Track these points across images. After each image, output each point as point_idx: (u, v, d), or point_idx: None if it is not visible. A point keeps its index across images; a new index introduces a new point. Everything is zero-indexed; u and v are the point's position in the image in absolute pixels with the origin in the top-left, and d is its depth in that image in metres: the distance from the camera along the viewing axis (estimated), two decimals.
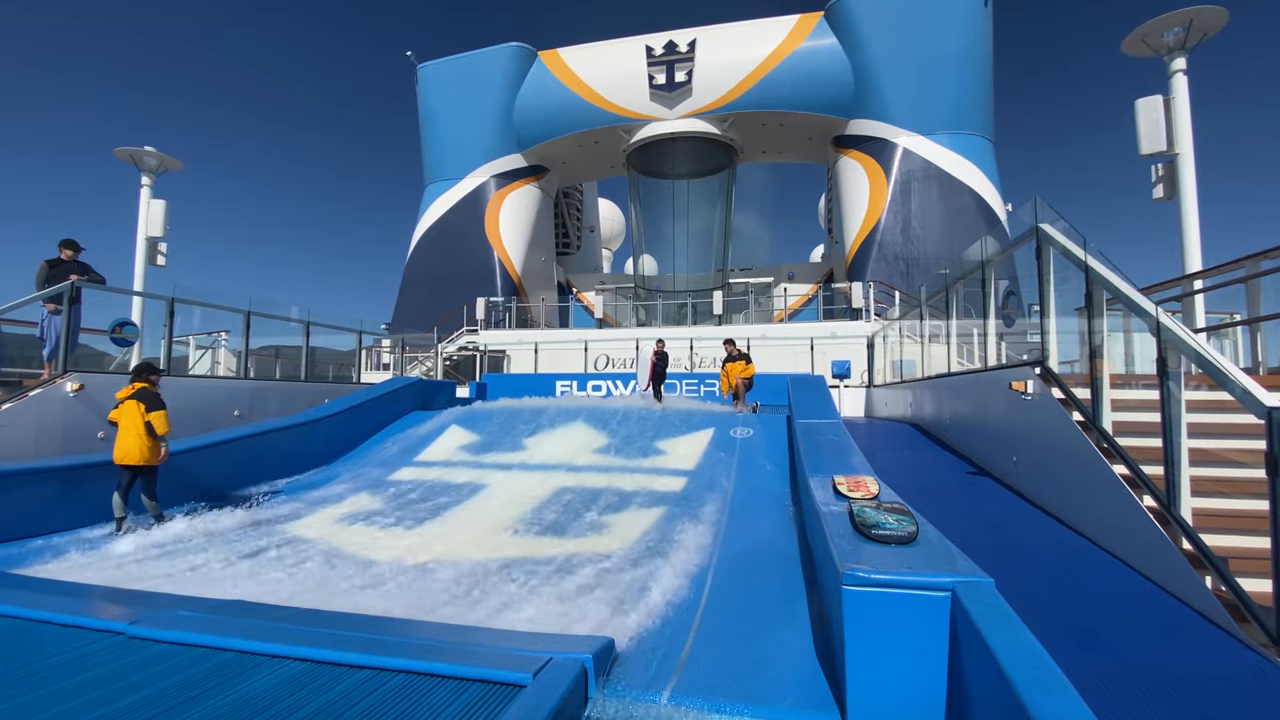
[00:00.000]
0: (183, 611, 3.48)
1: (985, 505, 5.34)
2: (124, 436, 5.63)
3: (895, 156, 21.82)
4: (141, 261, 10.71)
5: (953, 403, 7.83)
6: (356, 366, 14.34)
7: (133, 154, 10.98)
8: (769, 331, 18.82)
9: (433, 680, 2.70)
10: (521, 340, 20.54)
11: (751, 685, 2.82)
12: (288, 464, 8.11)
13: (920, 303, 10.51)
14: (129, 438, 5.62)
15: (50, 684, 2.75)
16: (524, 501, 6.67)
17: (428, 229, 26.70)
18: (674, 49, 23.56)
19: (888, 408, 11.75)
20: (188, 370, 11.22)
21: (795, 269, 27.63)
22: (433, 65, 26.98)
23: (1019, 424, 5.63)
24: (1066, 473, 4.73)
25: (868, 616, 2.50)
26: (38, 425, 6.67)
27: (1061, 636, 2.87)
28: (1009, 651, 1.97)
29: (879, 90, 21.95)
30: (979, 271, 7.16)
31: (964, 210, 21.05)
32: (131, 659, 3.00)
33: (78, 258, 7.83)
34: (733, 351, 11.16)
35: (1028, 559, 4.13)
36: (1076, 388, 4.86)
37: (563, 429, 9.49)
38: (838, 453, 5.54)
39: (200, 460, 6.99)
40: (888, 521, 3.10)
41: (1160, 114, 10.10)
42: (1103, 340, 4.62)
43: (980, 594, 2.36)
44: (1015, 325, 7.13)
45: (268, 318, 10.64)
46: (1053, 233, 5.20)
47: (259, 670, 2.85)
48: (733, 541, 5.12)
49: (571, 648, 2.86)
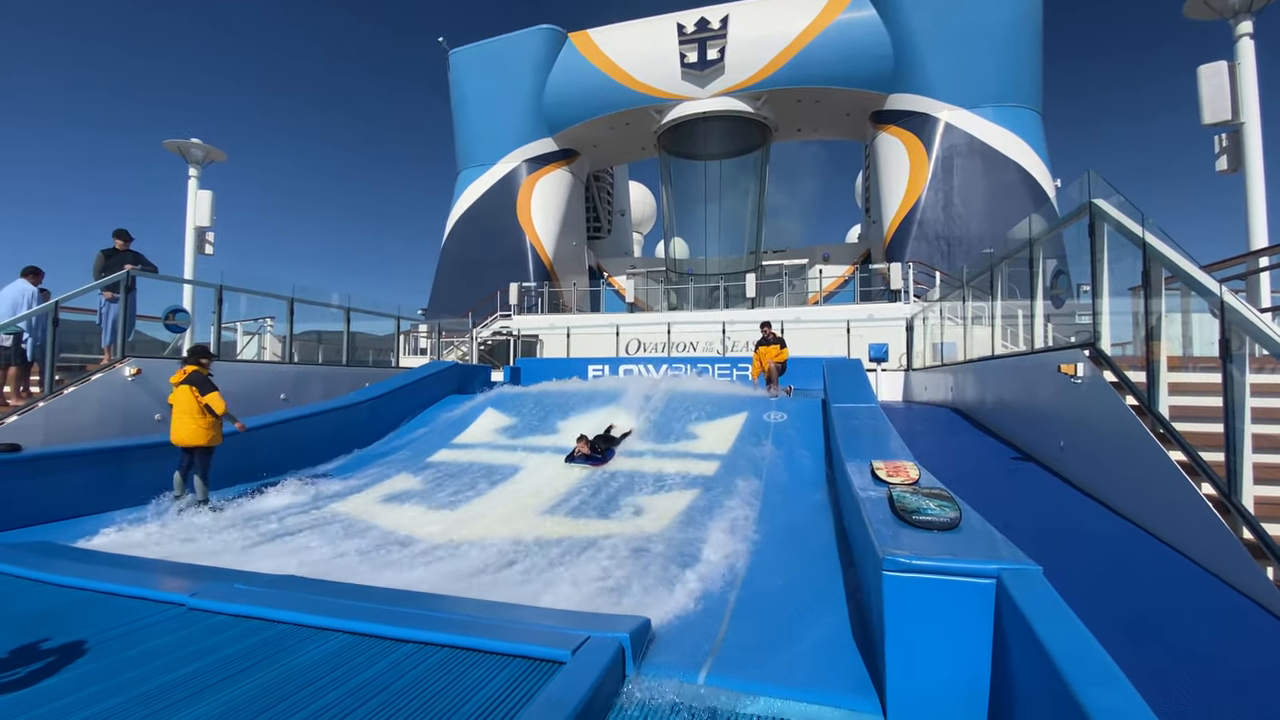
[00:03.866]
0: (239, 585, 3.65)
1: (1031, 492, 5.19)
2: (179, 419, 5.89)
3: (937, 131, 21.04)
4: (191, 250, 11.11)
5: (996, 386, 7.60)
6: (395, 351, 14.68)
7: (180, 146, 11.35)
8: (803, 314, 18.50)
9: (475, 655, 2.78)
10: (554, 325, 20.67)
11: (788, 669, 2.82)
12: (331, 445, 8.38)
13: (963, 283, 10.18)
14: (184, 420, 5.88)
15: (118, 652, 2.92)
16: (558, 483, 6.76)
17: (461, 215, 26.97)
18: (706, 26, 23.08)
19: (927, 392, 11.48)
20: (236, 355, 11.65)
21: (831, 250, 27.02)
22: (464, 51, 27.04)
23: (1067, 408, 5.44)
24: (1118, 459, 4.56)
25: (908, 603, 2.46)
26: (99, 408, 7.02)
27: (1112, 627, 2.78)
28: (1059, 641, 1.91)
29: (920, 63, 21.13)
30: (1025, 250, 6.89)
31: (1009, 187, 20.22)
32: (192, 629, 3.16)
33: (129, 247, 8.16)
34: (768, 334, 11.03)
35: (1076, 547, 4.00)
36: (1130, 371, 4.66)
37: (595, 412, 9.55)
38: (875, 437, 5.44)
39: (249, 441, 7.27)
40: (929, 507, 3.04)
41: (1224, 80, 9.48)
42: (1160, 321, 4.41)
43: (1028, 582, 2.30)
44: (1064, 306, 6.85)
45: (310, 304, 10.95)
46: (1107, 208, 4.96)
47: (311, 642, 2.97)
48: (767, 525, 5.11)
49: (609, 627, 2.90)
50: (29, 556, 4.35)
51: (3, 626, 3.20)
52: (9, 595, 3.69)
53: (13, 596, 3.67)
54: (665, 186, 27.32)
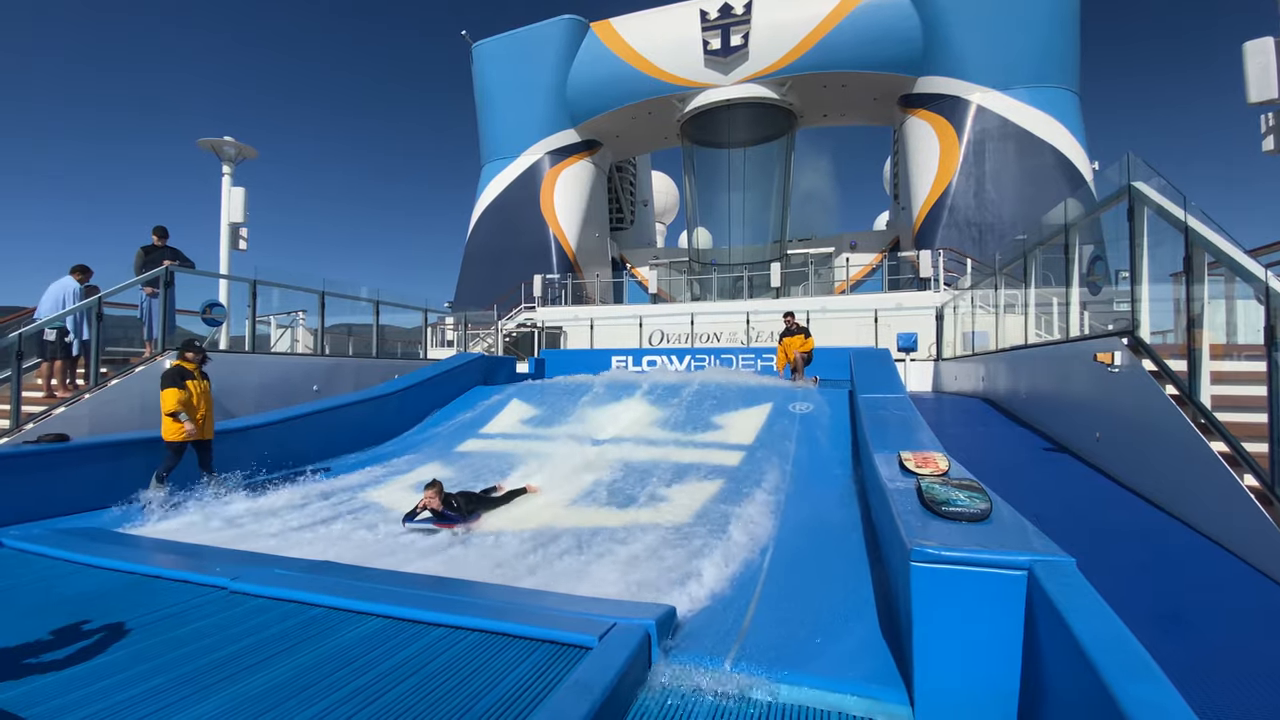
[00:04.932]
0: (277, 570, 3.77)
1: (1065, 483, 5.08)
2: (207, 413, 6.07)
3: (968, 115, 20.47)
4: (225, 246, 11.39)
5: (1029, 376, 7.43)
6: (423, 343, 14.90)
7: (213, 144, 11.62)
8: (830, 304, 18.26)
9: (504, 639, 2.83)
10: (577, 316, 20.76)
11: (814, 658, 2.82)
12: (362, 435, 8.58)
13: (995, 271, 9.95)
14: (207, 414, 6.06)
15: (164, 632, 3.05)
16: (584, 473, 6.81)
17: (486, 208, 27.17)
18: (729, 12, 22.76)
19: (957, 382, 11.27)
20: (270, 348, 11.96)
21: (858, 238, 26.57)
22: (487, 43, 27.13)
23: (1104, 398, 5.29)
24: (1157, 450, 4.43)
25: (937, 594, 2.44)
26: (142, 400, 7.28)
27: (1149, 621, 2.72)
28: (1092, 634, 1.88)
29: (950, 44, 20.56)
30: (1061, 236, 6.70)
31: (1044, 170, 19.60)
32: (233, 611, 3.28)
33: (167, 243, 8.42)
34: (791, 324, 10.93)
35: (1112, 539, 3.91)
36: (1170, 359, 4.52)
37: (620, 403, 9.60)
38: (904, 428, 5.37)
39: (285, 432, 7.49)
40: (959, 498, 3.00)
41: (1271, 57, 8.97)
42: (1203, 308, 4.26)
43: (1061, 574, 2.26)
44: (1101, 293, 6.66)
45: (340, 297, 11.18)
46: (1147, 191, 4.80)
47: (346, 625, 3.06)
48: (793, 516, 5.09)
49: (635, 614, 2.93)
50: (78, 541, 4.56)
51: (55, 608, 3.36)
52: (60, 578, 3.87)
53: (64, 580, 3.84)
54: (688, 176, 27.11)
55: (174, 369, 5.91)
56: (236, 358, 8.92)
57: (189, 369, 5.98)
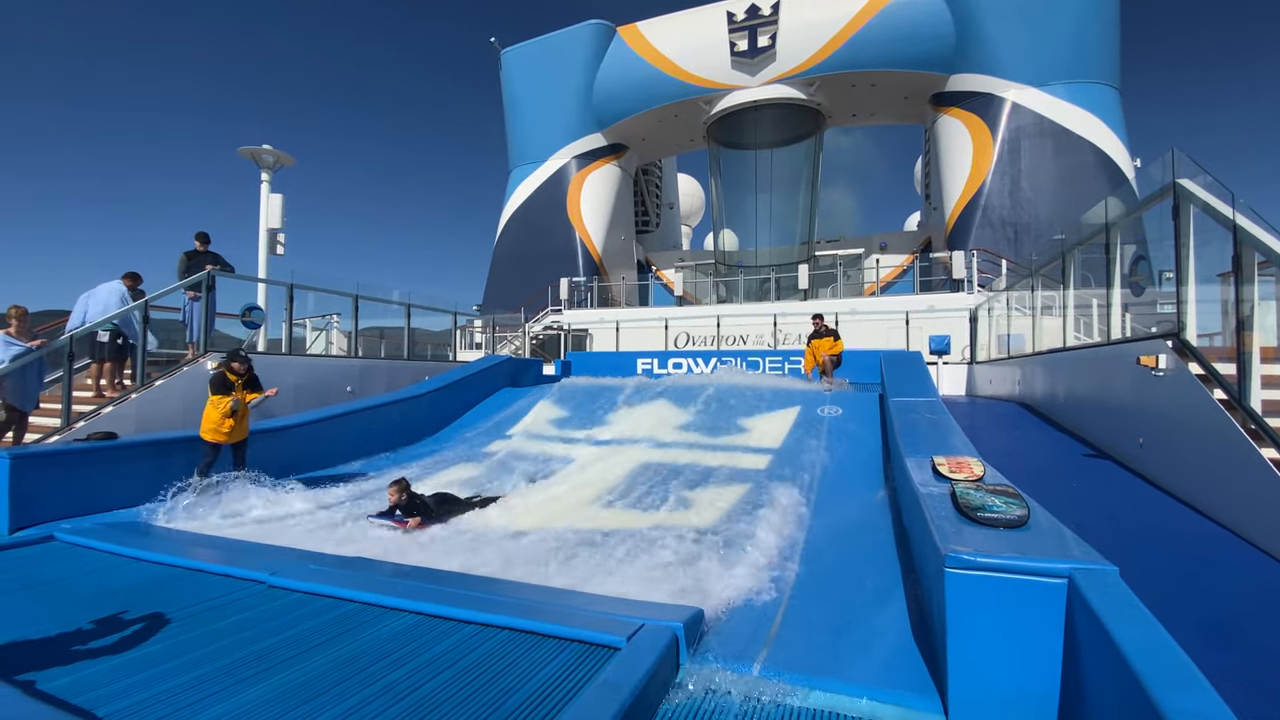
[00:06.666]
0: (314, 565, 3.87)
1: (1106, 490, 4.92)
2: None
3: (1003, 112, 20.00)
4: (264, 251, 11.75)
5: (1068, 380, 7.22)
6: (453, 345, 15.15)
7: (253, 153, 12.01)
8: (859, 306, 18.00)
9: (534, 638, 2.87)
10: (603, 319, 20.85)
11: (844, 663, 2.78)
12: (395, 435, 8.76)
13: (1031, 272, 9.70)
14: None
15: (206, 624, 3.16)
16: (610, 475, 6.84)
17: (514, 212, 27.49)
18: (756, 12, 22.66)
19: (992, 385, 11.01)
20: (305, 350, 12.28)
21: (888, 238, 26.14)
22: (515, 49, 27.47)
23: (1147, 402, 5.12)
24: (1203, 456, 4.27)
25: (972, 601, 2.39)
26: (185, 400, 7.54)
27: (1195, 631, 2.62)
28: (1136, 644, 1.82)
29: (984, 40, 20.12)
30: (1102, 236, 6.51)
31: (1083, 168, 19.03)
32: (272, 605, 3.38)
33: (209, 249, 8.71)
34: (820, 327, 10.81)
35: (1156, 547, 3.78)
36: (1218, 363, 4.35)
37: (646, 405, 9.61)
38: (936, 432, 5.27)
39: (320, 432, 7.68)
40: (994, 504, 2.93)
41: None
42: (1253, 309, 4.09)
43: (1103, 582, 2.20)
44: (1144, 294, 6.44)
45: (373, 301, 11.43)
46: (1193, 189, 4.64)
47: (381, 620, 3.13)
48: (822, 519, 5.03)
49: (663, 615, 2.94)
50: (125, 535, 4.75)
51: (104, 600, 3.50)
52: (109, 570, 4.04)
53: (112, 572, 4.01)
54: (714, 178, 27.05)
55: (220, 377, 6.03)
56: (274, 359, 9.19)
57: (232, 380, 6.06)
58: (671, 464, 7.13)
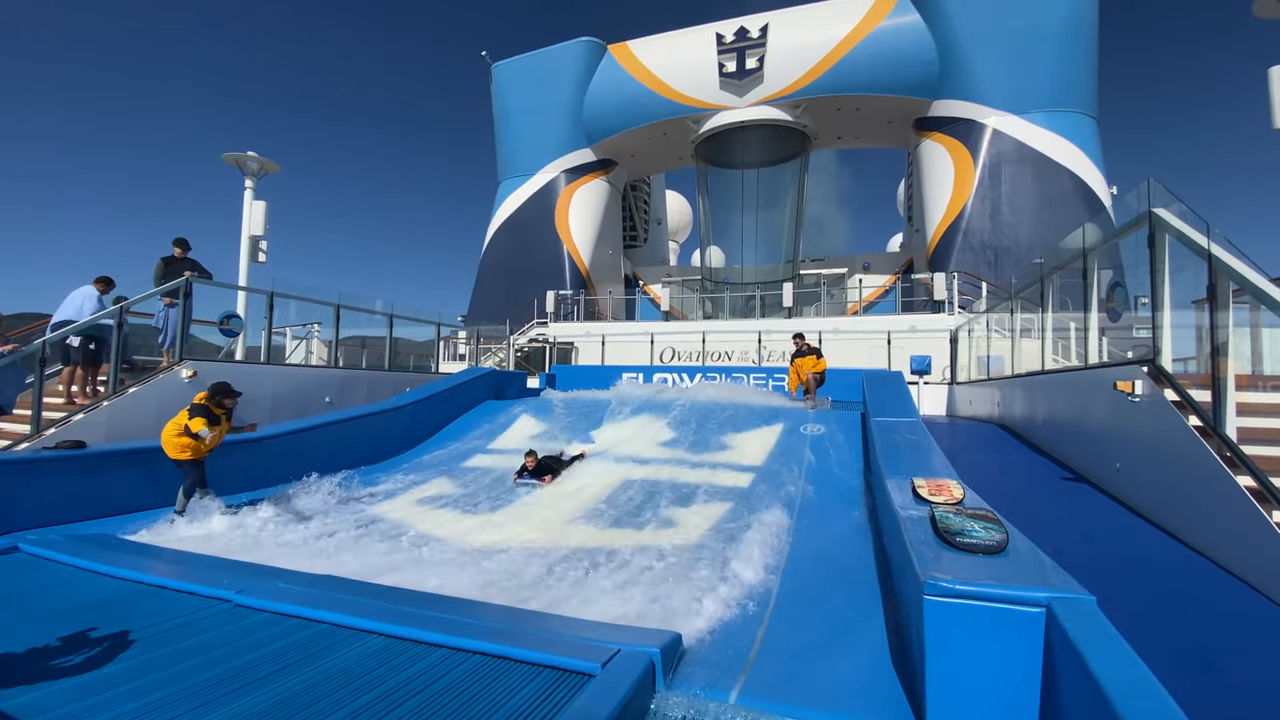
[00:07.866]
0: (281, 584, 3.76)
1: (1083, 515, 4.95)
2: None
3: (984, 138, 20.47)
4: (245, 258, 11.57)
5: (1047, 403, 7.31)
6: (435, 357, 15.00)
7: (237, 159, 11.87)
8: (842, 325, 18.17)
9: (506, 663, 2.79)
10: (589, 333, 20.81)
11: (823, 691, 2.74)
12: (373, 448, 8.60)
13: (1011, 295, 9.85)
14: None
15: (169, 644, 3.04)
16: (592, 491, 6.77)
17: (501, 224, 27.48)
18: (745, 35, 23.05)
19: (972, 406, 11.12)
20: (285, 359, 12.08)
21: (871, 259, 26.51)
22: (507, 64, 27.63)
23: (1124, 427, 5.18)
24: (1180, 482, 4.31)
25: (951, 630, 2.38)
26: (158, 407, 7.35)
27: (1172, 662, 2.62)
28: (1114, 677, 1.81)
29: (966, 68, 20.63)
30: (1079, 261, 6.63)
31: (1061, 194, 19.49)
32: (238, 625, 3.27)
33: (187, 255, 8.57)
34: (802, 346, 10.86)
35: (1133, 575, 3.80)
36: (1194, 389, 4.42)
37: (629, 421, 9.56)
38: (917, 453, 5.29)
39: (296, 443, 7.53)
40: (973, 529, 2.93)
41: None
42: (1228, 336, 4.17)
43: (1080, 612, 2.19)
44: (1120, 320, 6.55)
45: (355, 310, 11.29)
46: (1168, 217, 4.73)
47: (350, 642, 3.03)
48: (803, 541, 5.01)
49: (639, 640, 2.88)
50: (91, 548, 4.58)
51: (66, 615, 3.37)
52: (72, 585, 3.89)
53: (76, 586, 3.86)
54: (702, 195, 27.29)
55: (204, 408, 5.62)
56: (252, 368, 9.02)
57: (217, 414, 5.70)
58: (655, 480, 7.08)
